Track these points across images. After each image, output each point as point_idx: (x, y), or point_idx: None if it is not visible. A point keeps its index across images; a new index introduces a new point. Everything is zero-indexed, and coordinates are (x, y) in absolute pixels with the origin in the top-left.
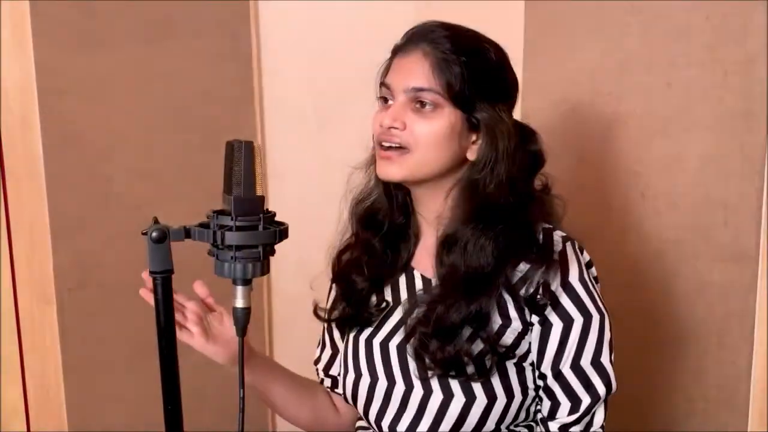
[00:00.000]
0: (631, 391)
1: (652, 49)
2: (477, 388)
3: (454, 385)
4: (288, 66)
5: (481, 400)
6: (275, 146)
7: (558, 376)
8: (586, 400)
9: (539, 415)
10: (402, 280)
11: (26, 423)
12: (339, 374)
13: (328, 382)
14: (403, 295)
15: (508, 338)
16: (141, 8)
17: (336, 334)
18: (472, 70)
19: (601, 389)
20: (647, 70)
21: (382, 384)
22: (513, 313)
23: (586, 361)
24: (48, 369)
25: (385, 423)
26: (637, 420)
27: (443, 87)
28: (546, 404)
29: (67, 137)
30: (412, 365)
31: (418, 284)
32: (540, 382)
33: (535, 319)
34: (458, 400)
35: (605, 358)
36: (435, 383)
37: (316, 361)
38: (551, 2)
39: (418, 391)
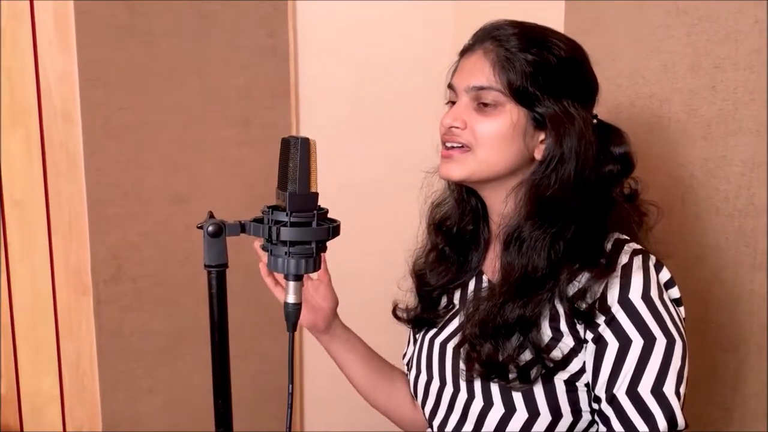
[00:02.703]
0: None
1: (697, 52)
2: (518, 401)
3: (495, 393)
4: (324, 64)
5: (520, 414)
6: None
7: (612, 400)
8: (643, 430)
9: None
10: (471, 284)
11: (61, 409)
12: None
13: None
14: (470, 298)
15: (558, 353)
16: (181, 4)
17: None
18: (536, 66)
19: (661, 423)
20: (691, 72)
21: (435, 384)
22: (564, 327)
23: (644, 389)
24: (83, 357)
25: (436, 422)
26: None
27: (504, 85)
28: (602, 431)
29: (106, 131)
30: (462, 368)
31: (485, 288)
32: (595, 406)
33: (589, 336)
34: (497, 410)
35: (669, 389)
36: (477, 388)
37: (404, 356)
38: (592, 2)
39: (462, 395)
